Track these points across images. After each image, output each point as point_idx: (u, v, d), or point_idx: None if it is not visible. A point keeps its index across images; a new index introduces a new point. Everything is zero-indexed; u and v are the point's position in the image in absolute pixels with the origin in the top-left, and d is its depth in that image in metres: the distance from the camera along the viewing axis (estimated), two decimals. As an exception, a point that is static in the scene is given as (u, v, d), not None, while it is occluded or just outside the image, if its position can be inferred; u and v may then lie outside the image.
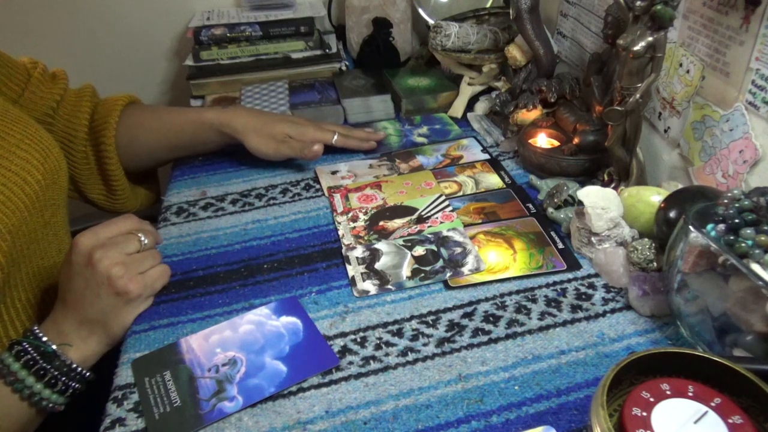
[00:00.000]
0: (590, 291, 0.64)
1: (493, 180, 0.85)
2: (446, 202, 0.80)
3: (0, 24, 1.23)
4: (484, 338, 0.59)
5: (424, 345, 0.58)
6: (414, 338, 0.59)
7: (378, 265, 0.69)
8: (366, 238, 0.74)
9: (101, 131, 0.83)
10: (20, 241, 0.61)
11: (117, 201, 0.88)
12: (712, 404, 0.42)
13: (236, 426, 0.51)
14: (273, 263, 0.71)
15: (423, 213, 0.78)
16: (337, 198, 0.82)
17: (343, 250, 0.72)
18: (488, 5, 1.19)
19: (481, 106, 1.03)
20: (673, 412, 0.41)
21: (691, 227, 0.51)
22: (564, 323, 0.60)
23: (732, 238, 0.49)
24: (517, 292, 0.64)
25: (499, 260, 0.69)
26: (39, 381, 0.54)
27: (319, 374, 0.56)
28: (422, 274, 0.67)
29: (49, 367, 0.55)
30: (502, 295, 0.64)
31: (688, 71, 0.71)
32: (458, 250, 0.70)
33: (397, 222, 0.76)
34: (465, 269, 0.67)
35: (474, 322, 0.61)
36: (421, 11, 1.20)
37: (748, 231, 0.49)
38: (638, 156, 0.75)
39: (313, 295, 0.65)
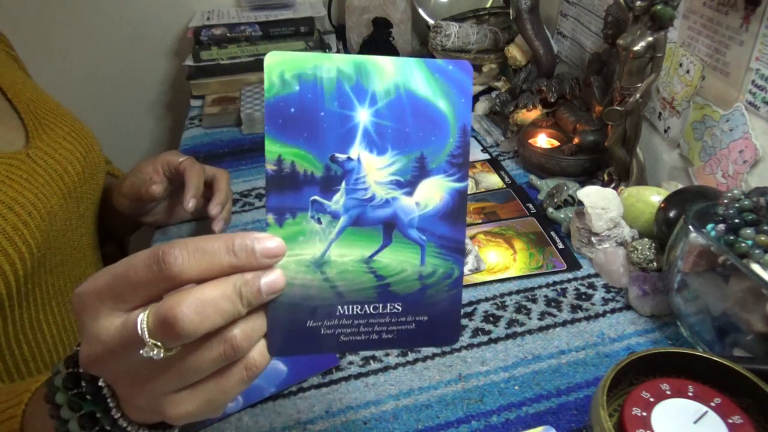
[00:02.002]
0: (590, 291, 0.64)
1: (493, 180, 0.85)
2: (446, 202, 0.79)
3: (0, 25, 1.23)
4: (484, 338, 0.59)
5: (418, 348, 0.58)
6: (414, 338, 0.59)
7: (378, 265, 0.68)
8: (366, 238, 0.74)
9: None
10: (56, 225, 0.62)
11: None
12: (712, 404, 0.42)
13: (236, 426, 0.51)
14: (273, 263, 0.71)
15: (423, 213, 0.78)
16: (338, 198, 0.82)
17: (343, 250, 0.71)
18: (488, 5, 1.19)
19: (481, 106, 1.03)
20: (673, 412, 0.41)
21: (691, 227, 0.51)
22: (564, 323, 0.60)
23: (732, 238, 0.49)
24: (517, 292, 0.64)
25: (499, 260, 0.69)
26: None
27: (319, 374, 0.56)
28: (422, 274, 0.67)
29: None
30: (502, 295, 0.64)
31: (688, 71, 0.71)
32: (458, 250, 0.70)
33: (397, 222, 0.76)
34: (465, 269, 0.67)
35: (474, 322, 0.61)
36: (421, 11, 1.20)
37: (748, 231, 0.49)
38: (638, 156, 0.75)
39: (313, 295, 0.65)
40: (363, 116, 0.31)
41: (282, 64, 0.31)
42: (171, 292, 0.30)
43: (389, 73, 0.32)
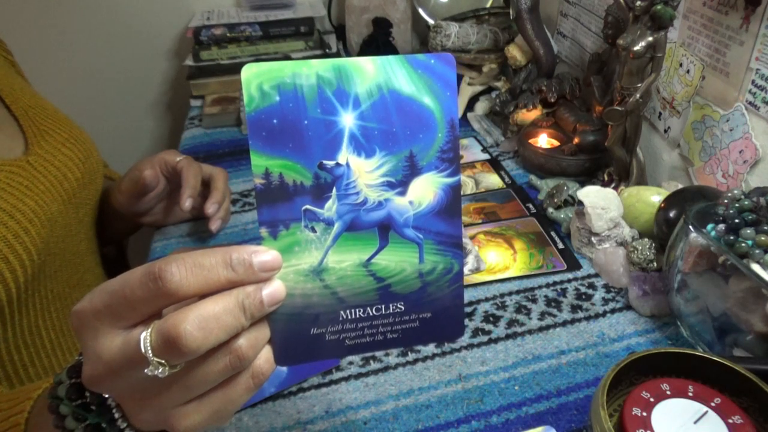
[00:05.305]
0: (590, 291, 0.64)
1: (493, 180, 0.85)
2: (446, 202, 0.79)
3: None
4: (484, 338, 0.59)
5: (424, 345, 0.58)
6: (414, 338, 0.59)
7: (378, 265, 0.68)
8: (366, 238, 0.74)
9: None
10: (56, 232, 0.62)
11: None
12: (712, 404, 0.42)
13: (236, 426, 0.51)
14: (273, 263, 0.71)
15: (423, 213, 0.78)
16: (337, 198, 0.82)
17: (343, 250, 0.71)
18: (488, 5, 1.19)
19: (481, 106, 1.03)
20: (673, 412, 0.41)
21: (691, 227, 0.51)
22: (564, 323, 0.60)
23: (732, 238, 0.49)
24: (517, 292, 0.64)
25: (499, 260, 0.69)
26: None
27: (319, 374, 0.56)
28: (422, 274, 0.67)
29: None
30: (502, 295, 0.64)
31: (688, 71, 0.71)
32: (458, 250, 0.70)
33: (397, 222, 0.76)
34: (465, 269, 0.67)
35: (474, 322, 0.61)
36: (421, 11, 1.20)
37: (748, 231, 0.49)
38: (638, 156, 0.75)
39: (313, 295, 0.65)
40: (347, 120, 0.31)
41: (259, 76, 0.30)
42: (170, 308, 0.30)
43: (370, 73, 0.31)
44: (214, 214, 0.71)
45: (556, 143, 0.86)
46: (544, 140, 0.87)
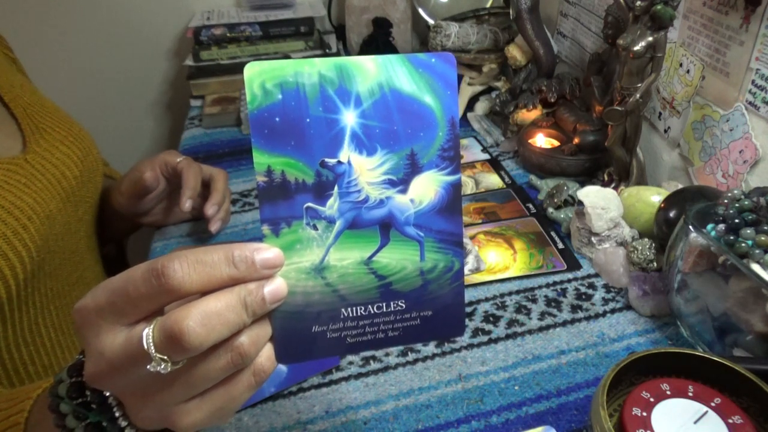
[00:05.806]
0: (590, 291, 0.64)
1: (493, 180, 0.85)
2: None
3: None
4: (484, 338, 0.59)
5: (424, 345, 0.58)
6: (414, 338, 0.59)
7: (378, 265, 0.68)
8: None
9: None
10: (55, 229, 0.62)
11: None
12: (712, 404, 0.42)
13: (236, 426, 0.51)
14: (273, 263, 0.71)
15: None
16: (337, 198, 0.82)
17: (343, 250, 0.71)
18: (488, 5, 1.19)
19: (481, 106, 1.03)
20: (673, 412, 0.41)
21: (691, 227, 0.51)
22: (564, 323, 0.60)
23: (732, 238, 0.49)
24: (517, 292, 0.64)
25: (499, 260, 0.69)
26: None
27: (319, 374, 0.56)
28: (422, 274, 0.67)
29: None
30: (502, 295, 0.64)
31: (688, 71, 0.71)
32: (458, 250, 0.70)
33: (397, 222, 0.76)
34: (465, 269, 0.67)
35: (474, 322, 0.61)
36: (421, 11, 1.20)
37: (748, 231, 0.49)
38: (638, 156, 0.75)
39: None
40: (349, 119, 0.31)
41: (262, 74, 0.30)
42: (173, 305, 0.30)
43: (372, 72, 0.31)
44: (213, 215, 0.71)
45: (556, 143, 0.86)
46: (543, 140, 0.87)
